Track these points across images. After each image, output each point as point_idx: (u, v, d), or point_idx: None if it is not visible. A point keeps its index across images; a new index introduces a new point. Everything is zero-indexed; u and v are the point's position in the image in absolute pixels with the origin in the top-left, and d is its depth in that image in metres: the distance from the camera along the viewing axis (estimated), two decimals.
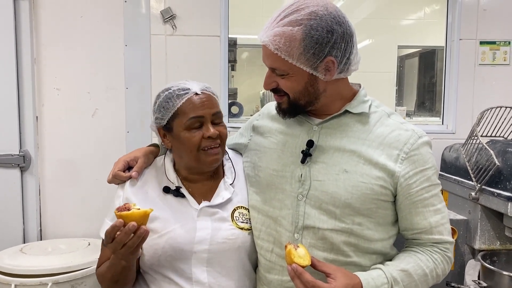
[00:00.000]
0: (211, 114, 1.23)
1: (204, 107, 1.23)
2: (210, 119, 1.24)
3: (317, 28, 1.07)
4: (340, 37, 1.10)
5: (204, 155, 1.23)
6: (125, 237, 1.05)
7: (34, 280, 1.88)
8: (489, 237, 1.89)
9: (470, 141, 1.97)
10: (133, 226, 1.04)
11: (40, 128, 2.39)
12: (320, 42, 1.08)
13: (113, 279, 1.21)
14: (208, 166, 1.26)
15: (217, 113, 1.25)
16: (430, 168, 1.17)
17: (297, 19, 1.08)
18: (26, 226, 2.37)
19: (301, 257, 1.05)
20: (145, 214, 1.07)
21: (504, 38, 2.52)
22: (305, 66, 1.10)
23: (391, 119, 1.21)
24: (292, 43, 1.08)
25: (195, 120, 1.22)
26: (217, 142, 1.24)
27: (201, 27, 2.41)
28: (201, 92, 1.25)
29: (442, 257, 1.18)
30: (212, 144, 1.23)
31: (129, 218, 1.05)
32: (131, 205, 1.09)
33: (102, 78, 2.40)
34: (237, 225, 1.25)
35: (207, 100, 1.24)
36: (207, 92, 1.26)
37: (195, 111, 1.22)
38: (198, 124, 1.23)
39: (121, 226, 1.05)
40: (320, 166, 1.17)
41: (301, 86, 1.14)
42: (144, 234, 1.07)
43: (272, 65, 1.14)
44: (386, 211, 1.18)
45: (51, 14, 2.36)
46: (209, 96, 1.26)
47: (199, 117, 1.22)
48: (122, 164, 1.32)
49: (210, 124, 1.23)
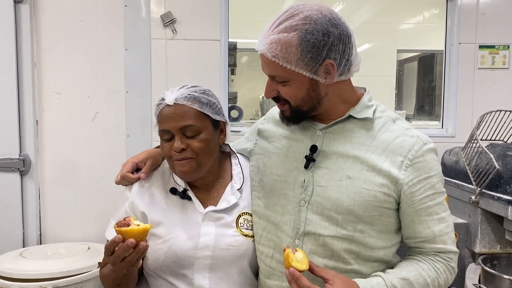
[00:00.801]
0: (177, 128, 1.19)
1: (170, 120, 1.19)
2: (179, 133, 1.20)
3: (312, 32, 1.06)
4: (337, 39, 1.09)
5: (175, 166, 1.22)
6: (123, 253, 1.06)
7: (34, 285, 1.88)
8: (489, 241, 1.89)
9: (470, 144, 1.97)
10: (132, 243, 1.04)
11: (40, 132, 2.39)
12: (317, 45, 1.07)
13: (115, 283, 1.22)
14: (181, 177, 1.25)
15: (186, 126, 1.19)
16: (435, 175, 1.15)
17: (291, 25, 1.07)
18: (25, 230, 2.36)
19: (299, 261, 1.04)
20: (144, 230, 1.08)
21: (503, 42, 2.53)
22: (305, 71, 1.09)
23: (396, 124, 1.19)
24: (288, 49, 1.07)
25: (163, 132, 1.22)
26: (184, 156, 1.20)
27: (201, 31, 2.42)
28: (174, 103, 1.20)
29: (445, 267, 1.16)
30: (179, 156, 1.20)
31: (128, 234, 1.05)
32: (131, 219, 1.09)
33: (102, 82, 2.40)
34: (242, 232, 1.25)
35: (176, 113, 1.19)
36: (180, 103, 1.20)
37: (162, 124, 1.22)
38: (167, 136, 1.22)
39: (119, 241, 1.05)
40: (323, 171, 1.16)
41: (303, 92, 1.13)
42: (143, 250, 1.07)
43: (272, 73, 1.13)
44: (389, 219, 1.16)
45: (51, 18, 2.36)
46: (180, 108, 1.19)
47: (166, 130, 1.21)
48: (130, 165, 1.31)
49: (178, 137, 1.19)
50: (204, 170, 1.25)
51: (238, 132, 2.45)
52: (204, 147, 1.21)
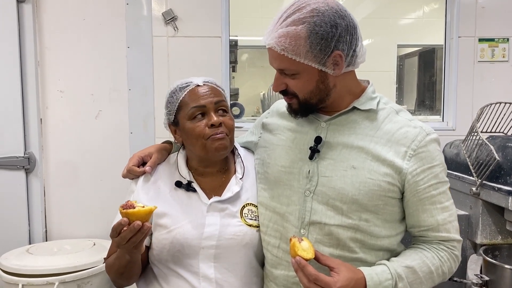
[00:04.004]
0: (213, 103, 1.25)
1: (205, 96, 1.26)
2: (213, 108, 1.25)
3: (320, 24, 1.08)
4: (345, 30, 1.11)
5: (210, 142, 1.24)
6: (129, 234, 1.08)
7: (41, 280, 1.90)
8: (490, 232, 1.91)
9: (470, 137, 1.98)
10: (138, 225, 1.07)
11: (45, 130, 2.41)
12: (326, 37, 1.09)
13: (119, 271, 1.24)
14: (215, 153, 1.26)
15: (220, 101, 1.27)
16: (438, 165, 1.16)
17: (299, 18, 1.09)
18: (31, 227, 2.38)
19: (304, 250, 1.06)
20: (149, 211, 1.10)
21: (503, 35, 2.54)
22: (314, 63, 1.11)
23: (400, 116, 1.21)
24: (297, 42, 1.09)
25: (196, 109, 1.24)
26: (222, 130, 1.24)
27: (202, 28, 2.44)
28: (203, 83, 1.28)
29: (449, 255, 1.17)
30: (217, 131, 1.24)
31: (134, 216, 1.08)
32: (133, 202, 1.11)
33: (105, 80, 2.42)
34: (246, 222, 1.27)
35: (209, 90, 1.27)
36: (209, 84, 1.29)
37: (196, 101, 1.25)
38: (200, 113, 1.25)
39: (126, 224, 1.07)
40: (328, 162, 1.18)
41: (312, 84, 1.15)
42: (147, 231, 1.09)
43: (280, 66, 1.15)
44: (394, 208, 1.17)
45: (54, 17, 2.38)
46: (211, 87, 1.28)
47: (201, 106, 1.24)
48: (136, 159, 1.34)
49: (213, 113, 1.25)
50: (230, 149, 1.31)
51: (241, 128, 2.47)
52: (233, 126, 1.29)
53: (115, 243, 1.13)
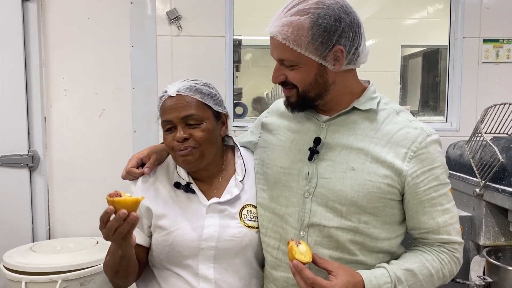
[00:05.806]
0: (179, 118, 1.21)
1: (172, 111, 1.22)
2: (181, 123, 1.22)
3: (324, 17, 1.08)
4: (348, 26, 1.10)
5: (178, 156, 1.24)
6: (115, 224, 1.06)
7: (44, 278, 1.91)
8: (494, 233, 1.90)
9: (474, 138, 1.98)
10: (123, 214, 1.05)
11: (48, 128, 2.42)
12: (328, 30, 1.08)
13: (113, 269, 1.23)
14: (184, 166, 1.27)
15: (188, 116, 1.21)
16: (439, 167, 1.15)
17: (304, 8, 1.09)
18: (35, 225, 2.40)
19: (302, 254, 1.05)
20: (136, 201, 1.08)
21: (507, 36, 2.53)
22: (314, 55, 1.10)
23: (400, 116, 1.19)
24: (300, 32, 1.08)
25: (165, 123, 1.25)
26: (186, 146, 1.22)
27: (206, 28, 2.44)
28: (176, 94, 1.23)
29: (450, 258, 1.16)
30: (181, 146, 1.22)
31: (120, 204, 1.06)
32: (122, 192, 1.09)
33: (109, 78, 2.43)
34: (245, 223, 1.26)
35: (178, 104, 1.22)
36: (182, 93, 1.23)
37: (164, 115, 1.24)
38: (170, 126, 1.24)
39: (111, 212, 1.06)
40: (327, 163, 1.17)
41: (311, 77, 1.13)
42: (134, 221, 1.07)
43: (281, 56, 1.14)
44: (393, 210, 1.16)
45: (58, 16, 2.39)
46: (183, 99, 1.22)
47: (168, 121, 1.23)
48: (135, 161, 1.33)
49: (181, 127, 1.22)
50: (206, 160, 1.26)
51: (243, 128, 2.47)
52: (206, 137, 1.23)
53: (104, 235, 1.10)
